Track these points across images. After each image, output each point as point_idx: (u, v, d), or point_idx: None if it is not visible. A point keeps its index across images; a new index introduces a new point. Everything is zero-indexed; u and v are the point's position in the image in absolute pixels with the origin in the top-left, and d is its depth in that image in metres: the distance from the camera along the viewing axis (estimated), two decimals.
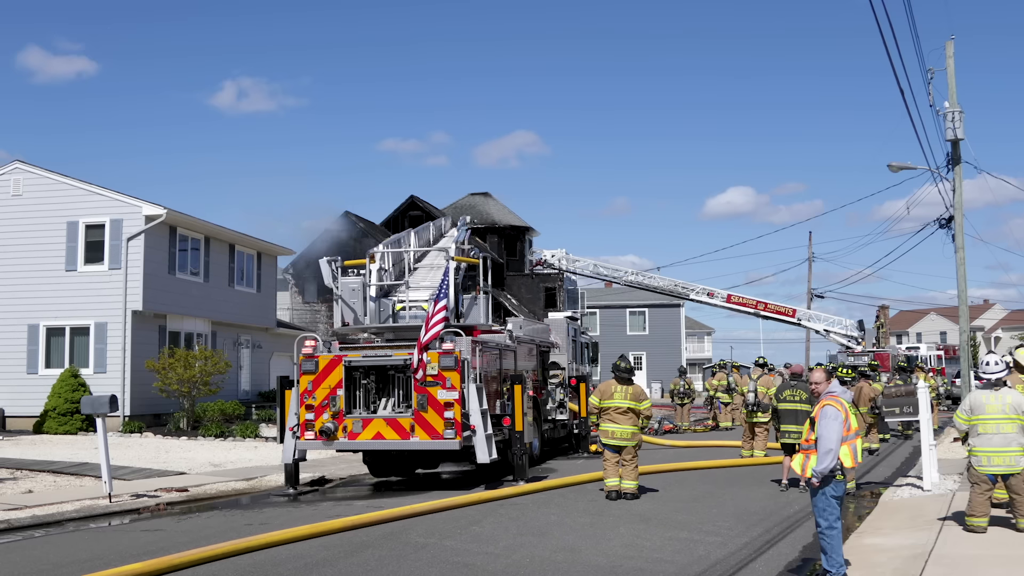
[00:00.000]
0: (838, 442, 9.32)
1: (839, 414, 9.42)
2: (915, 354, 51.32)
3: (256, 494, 18.22)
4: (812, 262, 60.87)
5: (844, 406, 9.53)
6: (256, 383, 38.12)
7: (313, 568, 10.82)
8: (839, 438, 9.33)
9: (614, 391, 16.05)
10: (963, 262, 28.46)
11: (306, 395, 17.56)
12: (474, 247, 21.44)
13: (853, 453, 9.42)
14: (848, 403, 9.66)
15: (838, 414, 9.42)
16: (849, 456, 9.38)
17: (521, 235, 56.72)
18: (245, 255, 37.30)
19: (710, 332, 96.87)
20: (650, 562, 10.86)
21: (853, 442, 9.45)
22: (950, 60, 28.25)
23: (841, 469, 9.35)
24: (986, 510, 11.52)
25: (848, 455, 9.37)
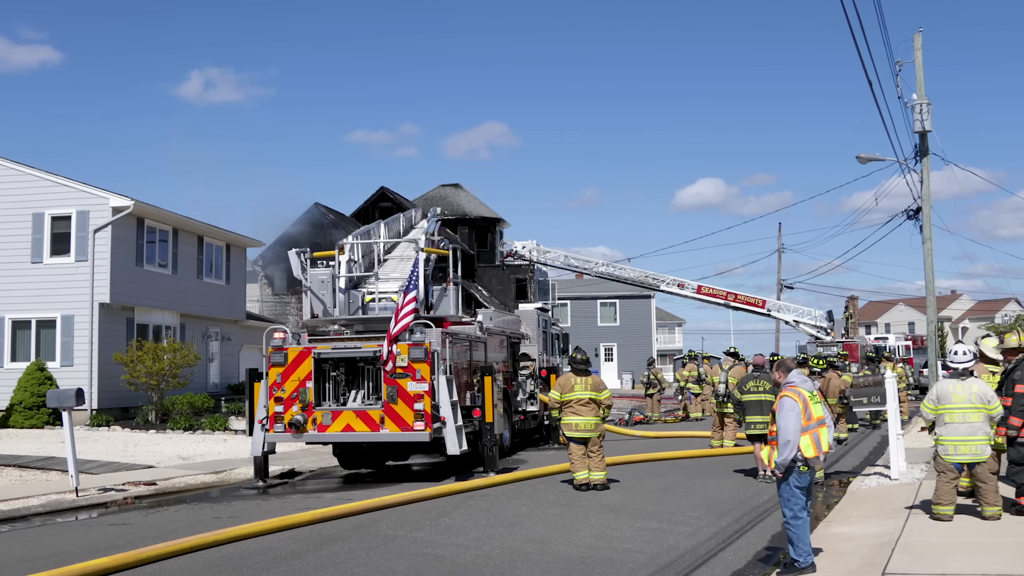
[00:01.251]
0: (796, 433, 9.34)
1: (795, 405, 9.45)
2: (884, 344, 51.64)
3: (225, 487, 18.12)
4: (782, 253, 61.21)
5: (802, 396, 9.55)
6: (225, 376, 37.90)
7: (282, 561, 10.77)
8: (797, 429, 9.35)
9: (574, 383, 16.05)
10: (930, 253, 28.71)
11: (275, 387, 17.46)
12: (444, 238, 21.38)
13: (815, 443, 9.41)
14: (809, 392, 9.67)
15: (794, 405, 9.45)
16: (811, 446, 9.37)
17: (492, 226, 56.64)
18: (214, 247, 37.06)
19: (681, 323, 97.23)
20: (620, 552, 10.88)
21: (815, 431, 9.45)
22: (918, 53, 28.46)
23: (804, 460, 9.36)
24: (952, 498, 11.61)
25: (809, 445, 9.37)
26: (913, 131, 28.27)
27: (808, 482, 9.46)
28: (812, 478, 9.55)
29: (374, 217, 40.94)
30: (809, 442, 9.38)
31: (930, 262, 28.71)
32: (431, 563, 10.54)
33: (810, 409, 9.51)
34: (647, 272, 50.58)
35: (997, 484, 11.66)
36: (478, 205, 57.19)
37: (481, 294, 50.18)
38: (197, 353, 31.95)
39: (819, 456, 9.45)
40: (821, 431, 9.51)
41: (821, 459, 9.53)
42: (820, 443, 9.47)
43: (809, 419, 9.46)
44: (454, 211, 53.87)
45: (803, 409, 9.45)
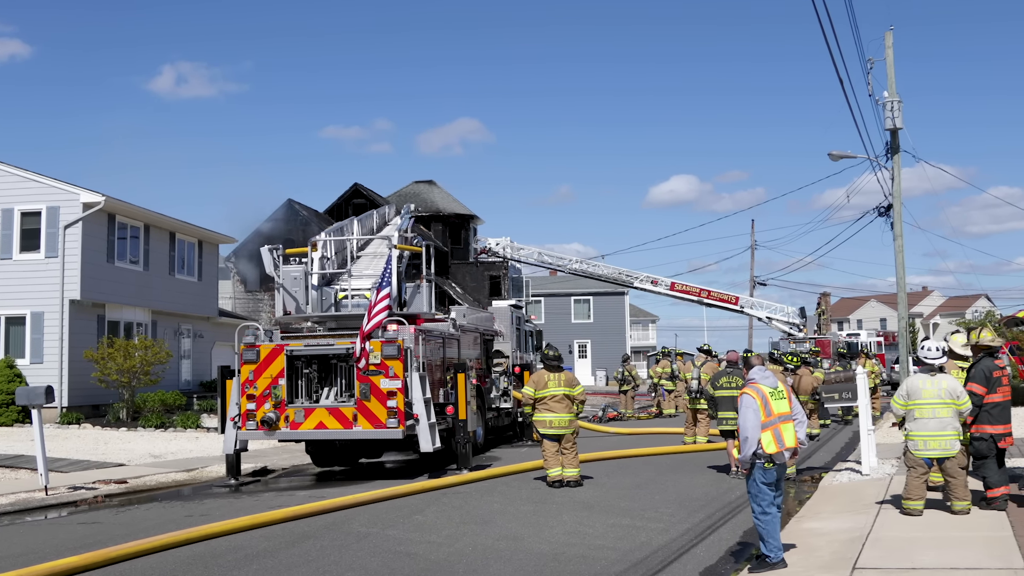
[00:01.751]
0: (755, 429, 9.41)
1: (753, 402, 9.51)
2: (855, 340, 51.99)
3: (197, 485, 18.04)
4: (755, 250, 61.44)
5: (761, 393, 9.60)
6: (198, 373, 37.70)
7: (253, 559, 10.72)
8: (756, 425, 9.42)
9: (548, 380, 16.04)
10: (901, 250, 28.88)
11: (247, 385, 17.39)
12: (417, 235, 21.35)
13: (776, 438, 9.44)
14: (770, 388, 9.70)
15: (752, 402, 9.51)
16: (772, 442, 9.41)
17: (466, 223, 56.58)
18: (186, 243, 36.83)
19: (654, 320, 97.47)
20: (592, 549, 10.89)
21: (776, 427, 9.48)
22: (889, 51, 28.60)
23: (767, 455, 9.41)
24: (922, 493, 11.69)
25: (771, 441, 9.42)
26: (884, 128, 28.42)
27: (774, 478, 9.48)
28: (780, 474, 9.57)
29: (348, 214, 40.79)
30: (770, 438, 9.42)
31: (901, 259, 28.88)
32: (403, 560, 10.52)
33: (770, 405, 9.54)
34: (621, 269, 50.72)
35: (966, 479, 11.75)
36: (452, 202, 57.12)
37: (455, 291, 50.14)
38: (169, 350, 31.75)
39: (781, 451, 9.46)
40: (783, 427, 9.52)
41: (786, 455, 9.54)
42: (782, 439, 9.48)
43: (769, 415, 9.50)
44: (428, 208, 53.78)
45: (762, 405, 9.50)
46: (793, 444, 9.60)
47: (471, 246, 55.57)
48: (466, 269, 54.19)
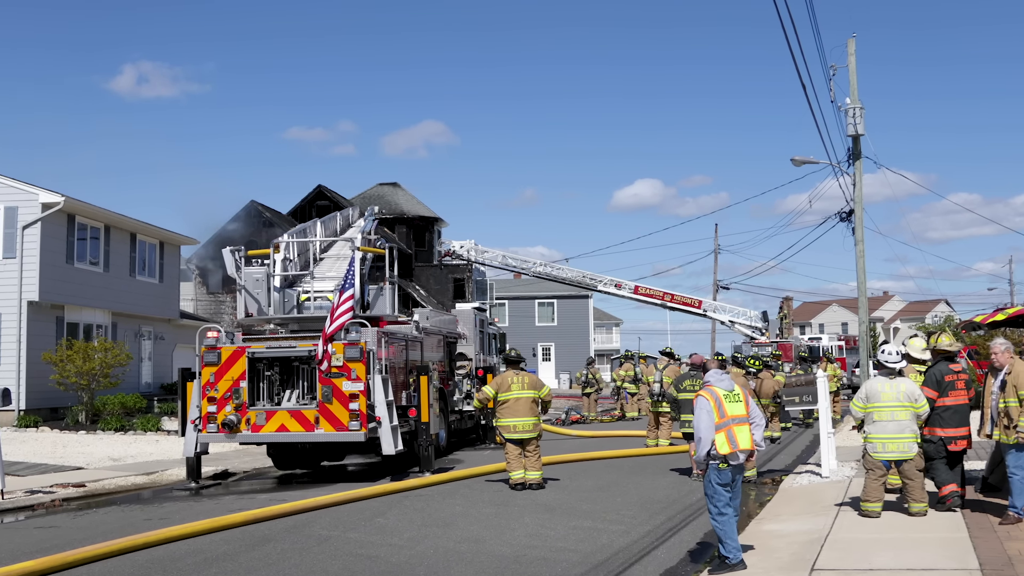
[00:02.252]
0: (708, 430, 9.54)
1: (707, 403, 9.64)
2: (817, 345, 52.37)
3: (157, 488, 17.90)
4: (718, 254, 61.83)
5: (715, 395, 9.73)
6: (159, 375, 37.39)
7: (213, 563, 10.65)
8: (709, 427, 9.55)
9: (512, 382, 16.03)
10: (862, 255, 29.16)
11: (208, 387, 17.28)
12: (381, 237, 21.30)
13: (729, 439, 9.55)
14: (725, 390, 9.83)
15: (706, 403, 9.65)
16: (725, 443, 9.53)
17: (430, 225, 56.45)
18: (147, 244, 36.53)
19: (618, 323, 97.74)
20: (554, 551, 10.91)
21: (729, 428, 9.59)
22: (852, 57, 28.88)
23: (721, 456, 9.52)
24: (880, 495, 11.80)
25: (724, 442, 9.53)
26: (846, 135, 28.68)
27: (729, 479, 9.57)
28: (736, 475, 9.66)
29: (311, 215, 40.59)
30: (724, 439, 9.54)
31: (862, 264, 29.16)
32: (364, 563, 10.49)
33: (724, 407, 9.66)
34: (585, 272, 50.80)
35: (923, 481, 11.88)
36: (416, 204, 56.99)
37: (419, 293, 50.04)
38: (129, 352, 31.48)
39: (735, 452, 9.56)
40: (737, 428, 9.63)
41: (740, 456, 9.64)
42: (736, 440, 9.59)
43: (723, 416, 9.62)
44: (392, 210, 53.63)
45: (715, 407, 9.63)
46: (748, 446, 9.69)
47: (435, 249, 55.46)
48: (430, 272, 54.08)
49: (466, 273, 53.46)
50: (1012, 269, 76.44)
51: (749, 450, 9.72)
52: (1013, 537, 10.10)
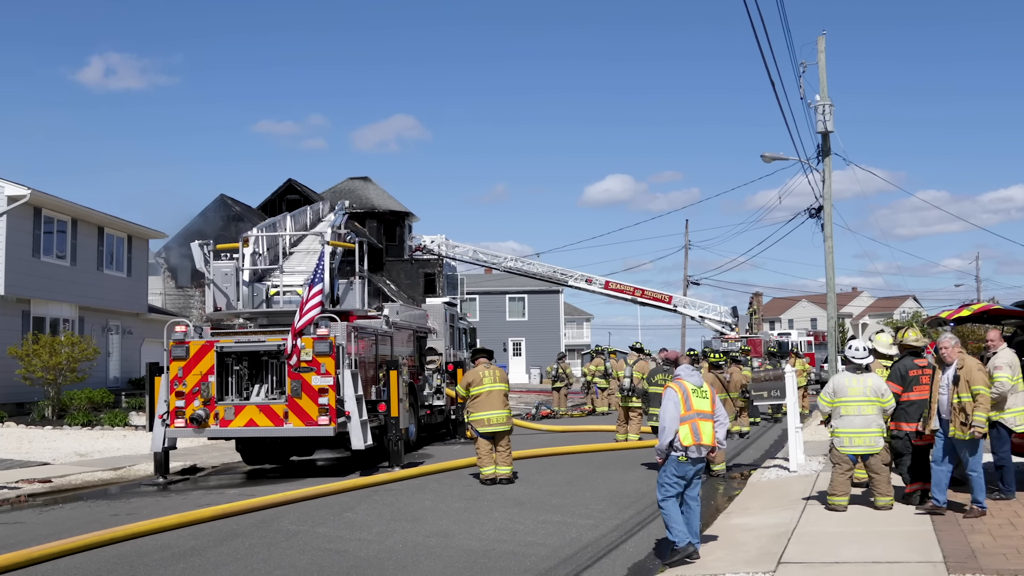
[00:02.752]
0: (672, 420, 9.73)
1: (675, 395, 9.84)
2: (786, 340, 52.66)
3: (124, 484, 17.80)
4: (688, 249, 61.99)
5: (683, 388, 9.90)
6: (126, 370, 37.10)
7: (181, 558, 10.61)
8: (674, 417, 9.74)
9: (484, 376, 16.05)
10: (831, 251, 29.34)
11: (176, 382, 17.20)
12: (351, 232, 21.25)
13: (692, 432, 9.71)
14: (694, 385, 9.97)
15: (674, 395, 9.85)
16: (688, 435, 9.69)
17: (401, 220, 56.36)
18: (115, 238, 36.22)
19: (589, 318, 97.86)
20: (523, 545, 10.93)
21: (694, 422, 9.75)
22: (821, 55, 29.05)
23: (683, 448, 9.68)
24: (847, 489, 11.90)
25: (688, 434, 9.70)
26: (816, 131, 28.84)
27: (687, 471, 9.74)
28: (694, 469, 9.79)
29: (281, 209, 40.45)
30: (688, 431, 9.71)
31: (831, 260, 29.33)
32: (333, 558, 10.48)
33: (691, 401, 9.83)
34: (556, 267, 50.81)
35: (889, 475, 11.98)
36: (387, 199, 56.87)
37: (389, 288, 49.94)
38: (96, 347, 31.19)
39: (697, 446, 9.71)
40: (701, 423, 9.79)
41: (701, 451, 9.77)
42: (699, 434, 9.74)
43: (689, 410, 9.78)
44: (363, 204, 53.48)
45: (683, 400, 9.81)
46: (710, 443, 9.84)
47: (406, 243, 55.36)
48: (401, 266, 53.99)
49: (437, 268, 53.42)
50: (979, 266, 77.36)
51: (710, 446, 9.87)
52: (976, 530, 10.20)
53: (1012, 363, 12.19)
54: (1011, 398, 12.07)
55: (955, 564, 8.76)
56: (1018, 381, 12.17)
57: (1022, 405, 12.14)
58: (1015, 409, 12.09)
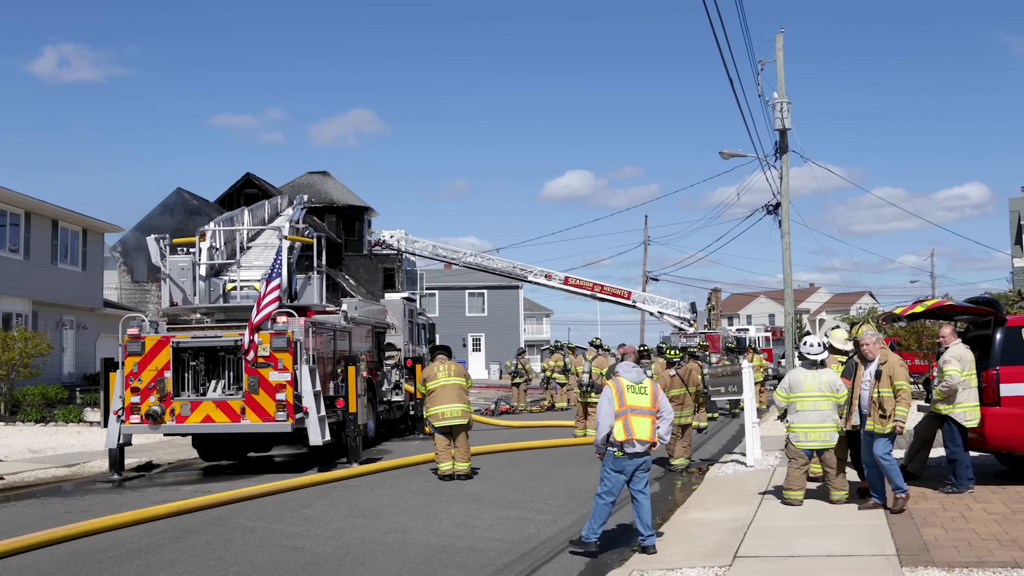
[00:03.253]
0: (606, 416, 9.96)
1: (609, 391, 10.06)
2: (744, 336, 53.00)
3: (78, 480, 17.62)
4: (648, 245, 62.26)
5: (619, 385, 10.08)
6: (81, 366, 36.70)
7: (135, 555, 10.51)
8: (608, 413, 9.96)
9: (438, 371, 16.05)
10: (788, 247, 29.58)
11: (132, 377, 17.05)
12: (309, 226, 21.11)
13: (625, 428, 9.86)
14: (630, 381, 10.11)
15: (608, 391, 10.07)
16: (622, 430, 9.87)
17: (360, 215, 56.13)
18: (70, 231, 35.80)
19: (548, 314, 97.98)
20: (481, 541, 10.93)
21: (627, 417, 9.92)
22: (779, 53, 29.27)
23: (618, 443, 9.87)
24: (803, 484, 12.01)
25: (621, 429, 9.88)
26: (774, 129, 29.06)
27: (623, 466, 9.93)
28: (632, 464, 9.93)
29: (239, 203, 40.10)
30: (620, 427, 9.91)
31: (788, 256, 29.58)
32: (290, 554, 10.42)
33: (624, 397, 10.00)
34: (515, 263, 50.84)
35: (844, 470, 12.10)
36: (346, 193, 56.62)
37: (348, 283, 49.75)
38: (50, 342, 30.84)
39: (631, 441, 9.86)
40: (634, 419, 9.93)
41: (636, 445, 9.89)
42: (631, 429, 9.89)
43: (623, 405, 9.96)
44: (322, 199, 53.22)
45: (616, 396, 10.00)
46: (646, 438, 9.95)
47: (365, 238, 55.14)
48: (360, 261, 53.78)
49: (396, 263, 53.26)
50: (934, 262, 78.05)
51: (648, 441, 9.98)
52: (929, 523, 10.33)
53: (962, 358, 12.37)
54: (962, 393, 12.26)
55: (908, 557, 8.87)
56: (969, 376, 12.35)
57: (974, 401, 12.33)
58: (966, 404, 12.28)
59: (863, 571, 8.66)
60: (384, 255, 52.74)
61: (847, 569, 8.76)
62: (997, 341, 12.70)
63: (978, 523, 10.31)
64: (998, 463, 14.26)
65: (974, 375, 12.38)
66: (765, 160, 30.27)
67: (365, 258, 53.89)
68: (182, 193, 47.03)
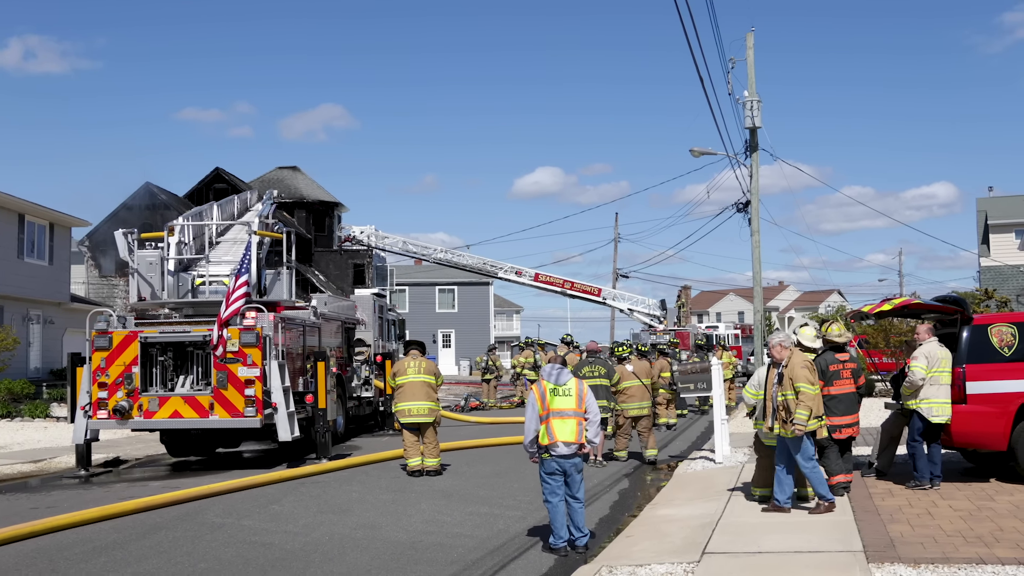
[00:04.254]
0: (531, 421, 10.03)
1: (532, 396, 10.11)
2: (714, 333, 53.21)
3: (45, 476, 17.50)
4: (618, 242, 62.36)
5: (541, 389, 10.10)
6: (48, 360, 36.38)
7: (102, 551, 10.44)
8: (532, 418, 10.03)
9: (408, 366, 16.04)
10: (758, 245, 29.72)
11: (99, 372, 16.93)
12: (279, 221, 21.03)
13: (548, 432, 9.90)
14: (552, 385, 10.09)
15: (532, 396, 10.13)
16: (544, 434, 9.91)
17: (330, 210, 55.87)
18: (36, 225, 35.44)
19: (519, 310, 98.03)
20: (450, 537, 10.93)
21: (549, 421, 9.93)
22: (750, 51, 29.37)
23: (544, 447, 9.91)
24: (771, 481, 12.04)
25: (543, 434, 9.93)
26: (744, 127, 29.18)
27: (552, 468, 9.93)
28: (561, 467, 9.90)
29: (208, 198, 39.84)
30: (544, 431, 9.95)
31: (757, 254, 29.72)
32: (258, 550, 10.38)
33: (546, 400, 10.01)
34: (485, 259, 50.81)
35: None
36: (316, 189, 56.36)
37: (318, 279, 49.55)
38: (16, 337, 30.56)
39: (555, 444, 9.86)
40: (556, 422, 9.93)
41: (561, 447, 9.87)
42: (553, 432, 9.91)
43: (545, 409, 9.99)
44: (291, 194, 52.93)
45: (539, 400, 10.03)
46: (571, 440, 9.93)
47: (335, 234, 54.92)
48: (330, 257, 53.57)
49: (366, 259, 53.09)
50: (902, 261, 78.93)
51: (573, 443, 9.95)
52: (896, 520, 10.42)
53: (930, 355, 12.51)
54: (929, 388, 12.41)
55: (874, 553, 8.93)
56: (937, 373, 12.47)
57: (944, 397, 12.45)
58: (933, 400, 12.41)
59: (830, 567, 8.71)
60: (354, 251, 52.56)
61: (814, 565, 8.81)
62: (963, 339, 12.83)
63: (944, 520, 10.40)
64: (964, 460, 14.41)
65: (945, 372, 12.49)
66: (735, 158, 30.41)
67: (335, 254, 53.69)
68: (151, 187, 46.64)
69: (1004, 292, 47.41)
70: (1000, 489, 12.26)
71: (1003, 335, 12.85)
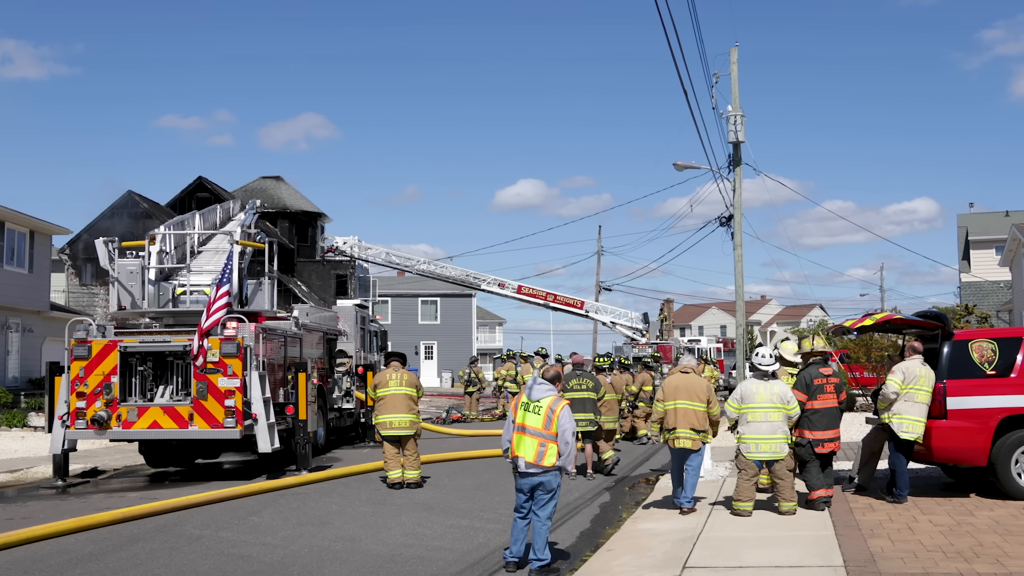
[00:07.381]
0: (506, 431, 9.95)
1: (511, 412, 9.96)
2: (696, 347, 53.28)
3: (21, 487, 17.35)
4: (601, 255, 62.43)
5: (518, 400, 9.97)
6: (26, 369, 36.10)
7: (78, 563, 10.35)
8: (507, 428, 9.96)
9: (389, 378, 15.99)
10: (741, 259, 29.75)
11: (78, 382, 16.80)
12: (261, 231, 20.96)
13: (514, 444, 9.76)
14: (526, 399, 9.90)
15: (509, 412, 9.99)
16: (511, 448, 9.80)
17: (313, 221, 55.81)
18: (16, 233, 35.20)
19: (501, 322, 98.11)
20: (430, 550, 10.87)
21: (516, 435, 9.76)
22: (734, 66, 29.43)
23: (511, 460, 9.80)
24: (752, 495, 12.06)
25: (510, 447, 9.84)
26: (727, 141, 29.24)
27: (520, 484, 9.73)
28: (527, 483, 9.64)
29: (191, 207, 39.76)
30: (511, 445, 9.83)
31: (740, 268, 29.75)
32: (236, 563, 10.30)
33: (516, 413, 9.86)
34: (468, 271, 50.80)
35: (793, 481, 12.18)
36: (299, 199, 56.29)
37: (300, 289, 49.45)
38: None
39: (516, 459, 9.69)
40: (517, 437, 9.74)
41: (520, 463, 9.66)
42: (515, 447, 9.76)
43: (514, 423, 9.87)
44: (274, 204, 52.84)
45: (513, 411, 9.95)
46: (529, 459, 9.60)
47: (318, 244, 54.86)
48: (312, 267, 53.48)
49: (349, 269, 53.03)
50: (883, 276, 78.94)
51: (531, 463, 9.58)
52: (876, 535, 10.42)
53: (907, 371, 12.59)
54: (902, 404, 12.52)
55: (855, 568, 8.93)
56: (913, 390, 12.51)
57: (916, 414, 12.51)
58: (905, 416, 12.50)
59: None
60: (337, 261, 52.49)
61: None
62: (944, 355, 12.88)
63: (924, 535, 10.42)
64: (944, 475, 14.44)
65: (922, 391, 12.52)
66: (718, 172, 30.44)
67: (318, 264, 53.61)
68: (133, 196, 46.49)
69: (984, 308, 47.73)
70: (980, 504, 12.29)
71: (983, 351, 12.91)
